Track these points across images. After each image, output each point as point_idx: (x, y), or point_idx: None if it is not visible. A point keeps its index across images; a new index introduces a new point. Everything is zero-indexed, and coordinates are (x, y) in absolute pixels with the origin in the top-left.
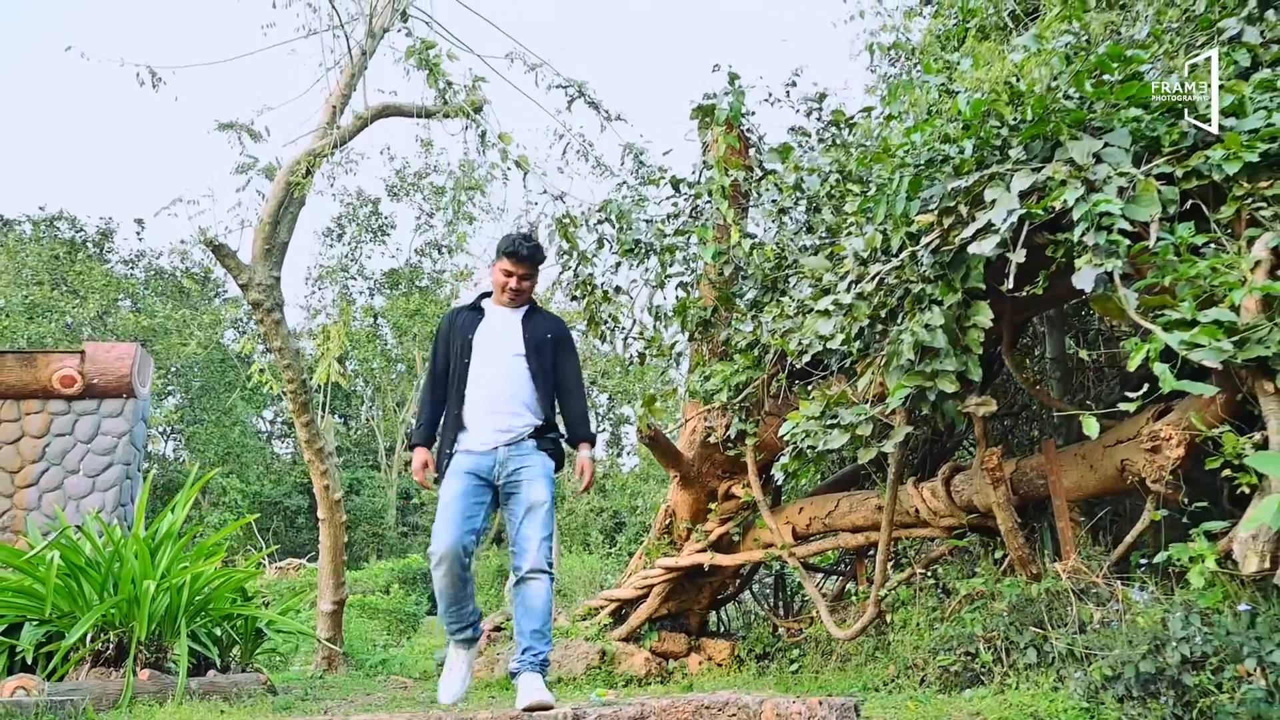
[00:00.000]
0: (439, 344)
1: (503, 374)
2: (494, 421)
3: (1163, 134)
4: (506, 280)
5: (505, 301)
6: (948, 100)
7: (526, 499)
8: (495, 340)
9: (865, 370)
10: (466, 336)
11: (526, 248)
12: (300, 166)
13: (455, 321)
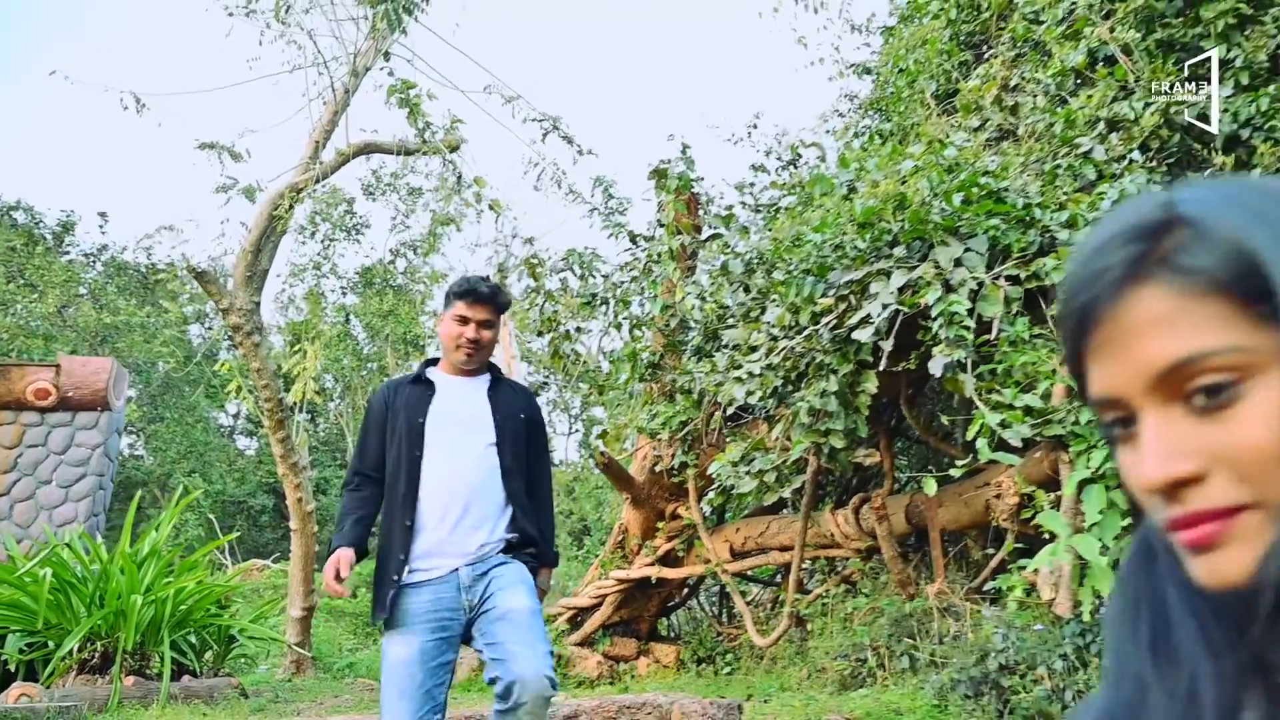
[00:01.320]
0: (369, 430)
1: (468, 469)
2: (456, 538)
3: (1014, 241)
4: (461, 330)
5: (460, 361)
6: (853, 199)
7: (501, 609)
8: (455, 423)
9: (779, 422)
10: (414, 419)
11: (486, 286)
12: (283, 200)
13: (394, 399)
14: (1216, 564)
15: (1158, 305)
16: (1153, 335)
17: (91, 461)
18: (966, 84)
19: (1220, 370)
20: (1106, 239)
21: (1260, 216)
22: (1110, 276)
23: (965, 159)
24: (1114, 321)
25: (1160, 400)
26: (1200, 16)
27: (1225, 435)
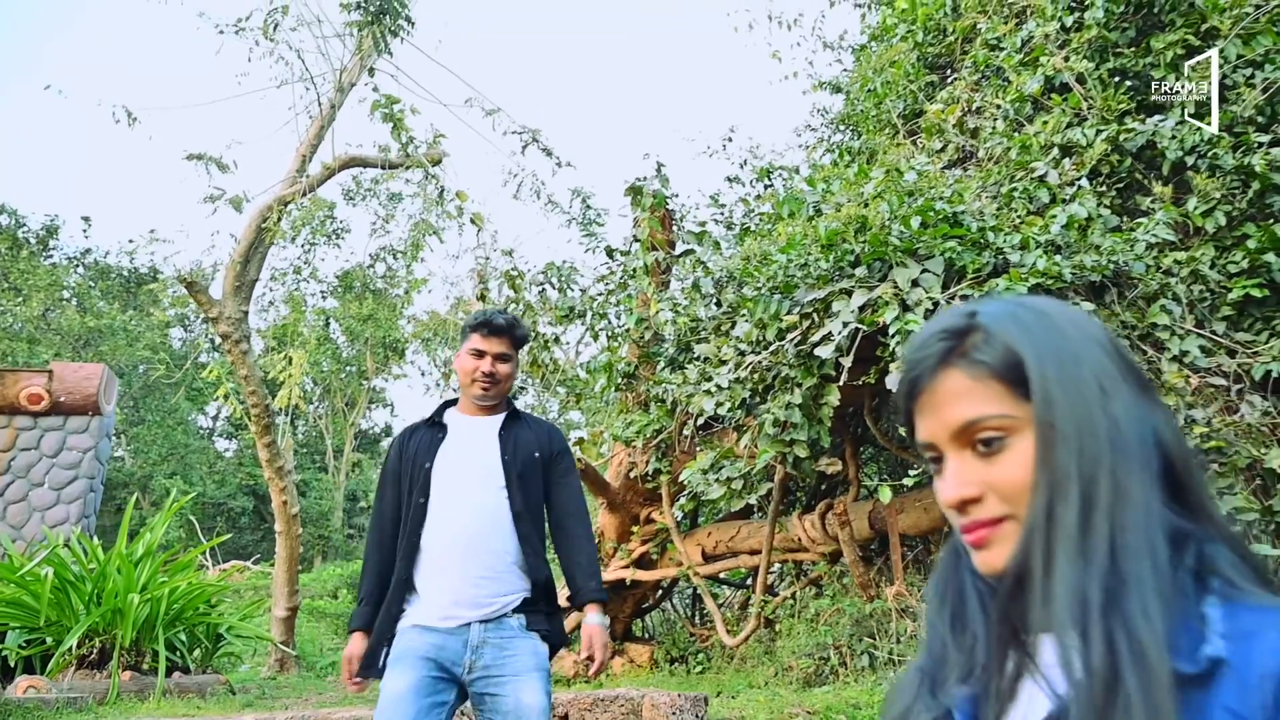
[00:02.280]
0: (386, 480)
1: (475, 516)
2: (464, 589)
3: (969, 263)
4: (477, 363)
5: (476, 396)
6: (817, 220)
7: (511, 705)
8: (461, 466)
9: (746, 432)
10: (422, 464)
11: (503, 318)
12: (271, 212)
13: (408, 445)
14: (987, 557)
15: (958, 383)
16: (953, 403)
17: (83, 464)
18: (931, 106)
19: (993, 429)
20: (930, 335)
21: (1027, 330)
22: (929, 362)
23: (924, 183)
24: (930, 392)
25: (957, 447)
26: (1151, 47)
27: (995, 471)
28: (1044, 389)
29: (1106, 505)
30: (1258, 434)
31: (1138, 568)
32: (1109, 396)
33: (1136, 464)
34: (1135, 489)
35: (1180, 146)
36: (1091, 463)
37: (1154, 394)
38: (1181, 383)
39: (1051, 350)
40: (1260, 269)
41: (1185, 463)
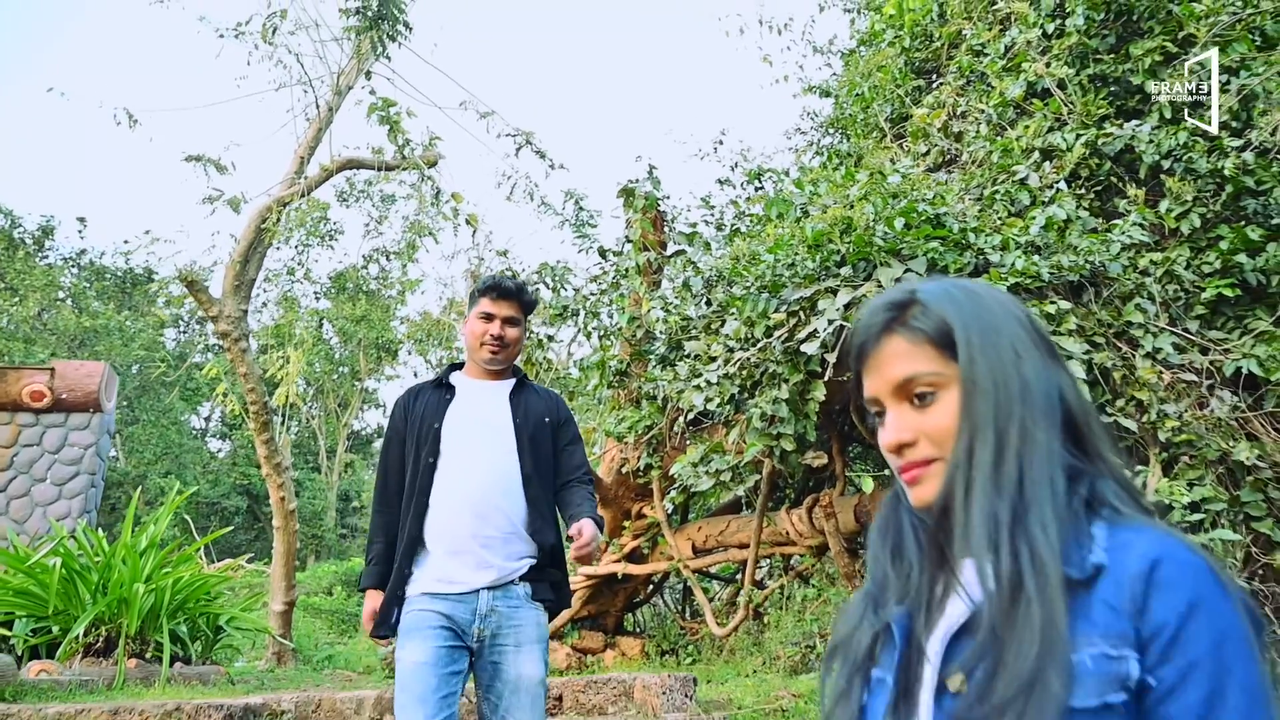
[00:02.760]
0: (391, 440)
1: (485, 477)
2: (473, 550)
3: (950, 262)
4: (486, 326)
5: (485, 360)
6: (805, 221)
7: (512, 675)
8: (472, 427)
9: (735, 426)
10: (431, 424)
11: (512, 282)
12: (271, 214)
13: (413, 405)
14: (919, 492)
15: (898, 347)
16: (894, 363)
17: (84, 460)
18: (917, 110)
19: (926, 385)
20: (876, 307)
21: (957, 304)
22: (875, 329)
23: (908, 186)
24: (876, 354)
25: (896, 400)
26: (1130, 53)
27: (927, 420)
28: (968, 352)
29: (1015, 446)
30: (1227, 428)
31: (1039, 495)
32: (1021, 359)
33: (1042, 415)
34: (1040, 434)
35: (1157, 150)
36: (1005, 412)
37: (1060, 361)
38: (1154, 378)
39: (976, 321)
40: (1233, 269)
41: (1084, 416)
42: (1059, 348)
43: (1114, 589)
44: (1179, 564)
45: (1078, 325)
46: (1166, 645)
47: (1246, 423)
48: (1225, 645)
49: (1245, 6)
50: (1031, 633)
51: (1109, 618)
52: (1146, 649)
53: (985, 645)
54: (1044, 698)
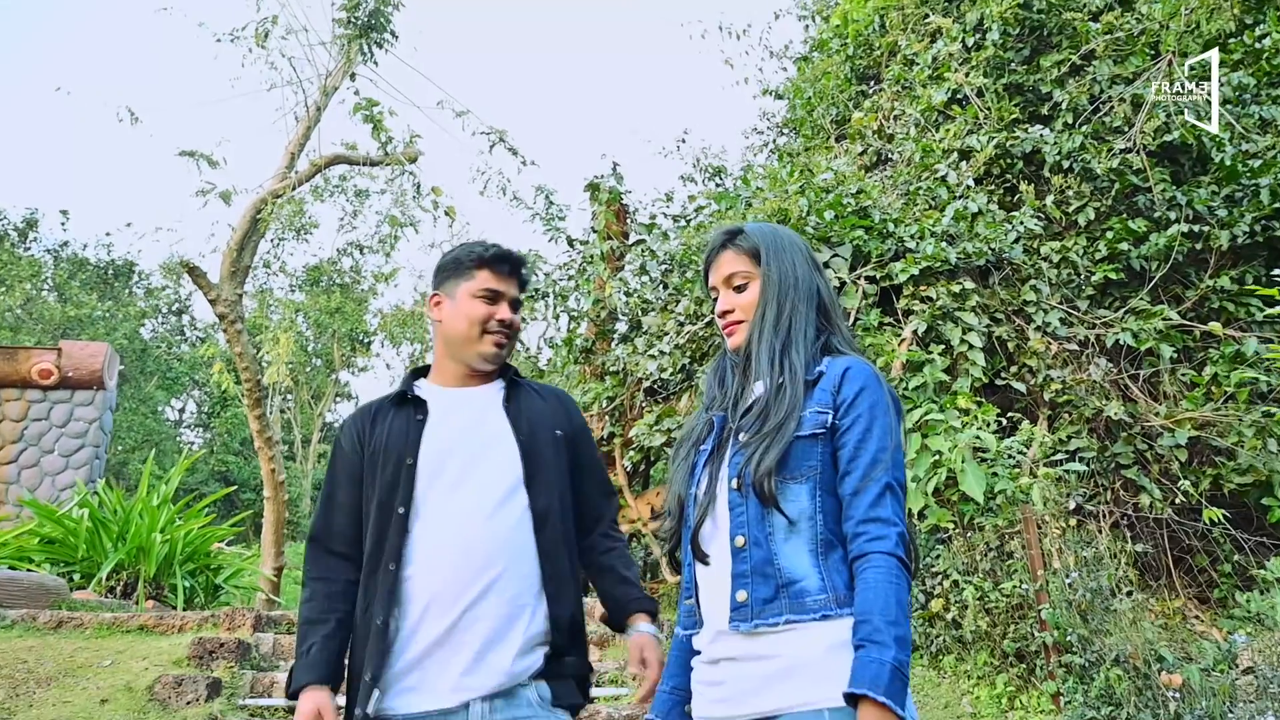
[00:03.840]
0: (338, 479)
1: (482, 529)
2: (465, 642)
3: (873, 249)
4: (490, 309)
5: (486, 355)
6: (748, 212)
7: None
8: (460, 456)
9: (685, 393)
10: (400, 459)
11: (518, 253)
12: (265, 205)
13: (369, 432)
14: (733, 341)
15: (728, 255)
16: (725, 265)
17: (89, 434)
18: (856, 114)
19: (741, 278)
20: (720, 234)
21: (764, 235)
22: (716, 245)
23: (838, 181)
24: (716, 261)
25: (725, 287)
26: (1040, 64)
27: (740, 299)
28: (765, 260)
29: (788, 314)
30: (1101, 390)
31: (797, 339)
32: (795, 268)
33: (805, 299)
34: (802, 309)
35: (1058, 152)
36: (784, 295)
37: (821, 270)
38: (1043, 348)
39: (773, 245)
40: (1120, 256)
41: (831, 304)
42: (960, 320)
43: (827, 381)
44: (858, 369)
45: (981, 303)
46: (847, 406)
47: (1125, 387)
48: (875, 408)
49: (1139, 24)
50: (783, 404)
51: (821, 395)
52: (838, 410)
53: (759, 413)
54: (785, 429)
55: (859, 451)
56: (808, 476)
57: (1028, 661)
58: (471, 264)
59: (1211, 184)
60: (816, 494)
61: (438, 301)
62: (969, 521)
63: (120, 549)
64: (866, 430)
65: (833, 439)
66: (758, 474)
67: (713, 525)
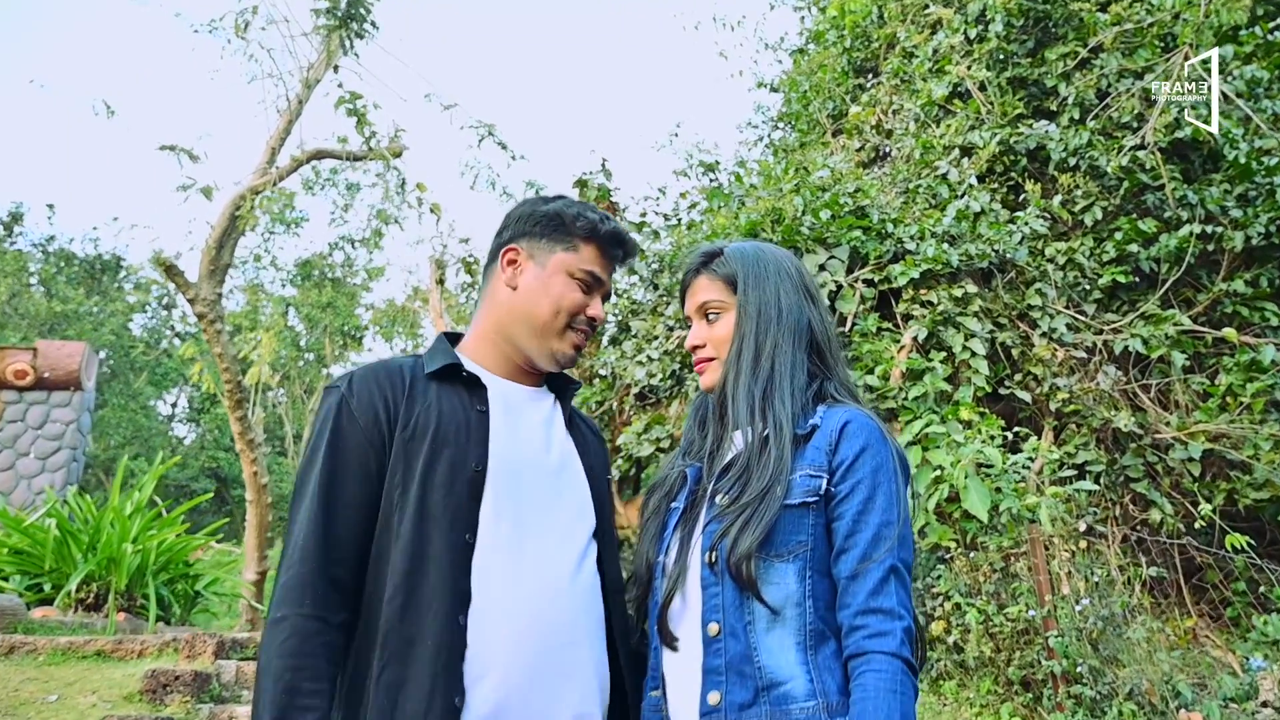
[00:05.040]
0: (340, 463)
1: (565, 583)
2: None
3: (871, 250)
4: (584, 300)
5: (560, 353)
6: (741, 211)
7: None
8: (536, 485)
9: (676, 399)
10: (464, 460)
11: (633, 242)
12: (244, 202)
13: (406, 405)
14: (704, 380)
15: (704, 281)
16: (700, 293)
17: (66, 436)
18: (854, 108)
19: (715, 308)
20: (697, 254)
21: (745, 258)
22: (692, 269)
23: (834, 179)
24: (691, 286)
25: (698, 317)
26: (1045, 57)
27: (713, 331)
28: (743, 289)
29: (769, 351)
30: (1110, 399)
31: (781, 383)
32: (780, 298)
33: (791, 335)
34: (787, 348)
35: (1064, 148)
36: (764, 329)
37: (816, 300)
38: (1049, 355)
39: (753, 270)
40: (1128, 258)
41: (826, 341)
42: (962, 326)
43: (821, 438)
44: (860, 424)
45: (984, 308)
46: (845, 470)
47: (1134, 395)
48: (879, 472)
49: (1149, 15)
50: (768, 466)
51: (815, 455)
52: (834, 473)
53: (739, 474)
54: (771, 498)
55: (859, 525)
56: (796, 554)
57: (1034, 690)
58: (581, 232)
59: (1224, 182)
60: (806, 575)
61: (514, 260)
62: (972, 540)
63: (90, 560)
64: (868, 499)
65: (827, 508)
66: (736, 555)
67: (682, 603)
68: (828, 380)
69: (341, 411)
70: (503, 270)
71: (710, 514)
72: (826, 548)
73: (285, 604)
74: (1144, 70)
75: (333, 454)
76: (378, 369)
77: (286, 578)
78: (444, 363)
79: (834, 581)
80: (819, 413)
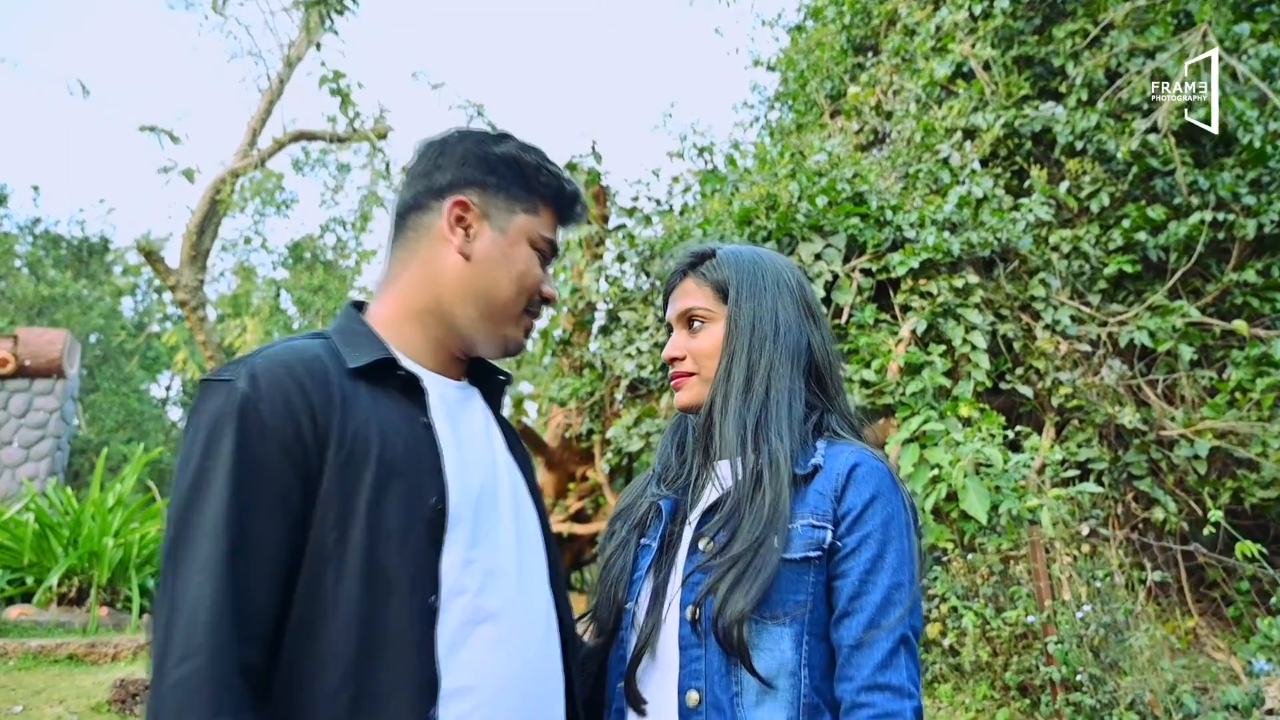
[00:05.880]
0: (250, 498)
1: (544, 654)
2: None
3: (869, 239)
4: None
5: (509, 343)
6: (735, 197)
7: None
8: (502, 516)
9: (666, 391)
10: (420, 493)
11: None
12: (224, 185)
13: (334, 415)
14: (680, 397)
15: (690, 285)
16: (684, 298)
17: (50, 424)
18: (852, 88)
19: (700, 316)
20: (687, 254)
21: (740, 263)
22: (680, 270)
23: (833, 164)
24: (677, 289)
25: (680, 325)
26: (1053, 35)
27: (695, 343)
28: (735, 299)
29: (764, 373)
30: (1114, 394)
31: (779, 413)
32: (778, 313)
33: (787, 356)
34: (783, 371)
35: (1071, 131)
36: (757, 347)
37: (818, 321)
38: (1052, 348)
39: (748, 278)
40: (1135, 246)
41: (827, 367)
42: (963, 318)
43: (825, 480)
44: (869, 468)
45: (985, 298)
46: (853, 521)
47: (1138, 390)
48: (890, 524)
49: None
50: (762, 510)
51: (818, 501)
52: (839, 523)
53: (728, 516)
54: (767, 551)
55: (866, 586)
56: (793, 616)
57: (1032, 696)
58: (544, 190)
59: (1236, 167)
60: (803, 641)
61: (462, 217)
62: (970, 541)
63: (71, 554)
64: (878, 556)
65: (829, 563)
66: (727, 617)
67: (653, 662)
68: (828, 412)
69: (247, 419)
70: (449, 229)
71: (693, 562)
72: (826, 609)
73: (175, 706)
74: (1156, 49)
75: (239, 481)
76: (290, 360)
77: (181, 674)
78: (375, 356)
79: (831, 647)
80: (819, 450)
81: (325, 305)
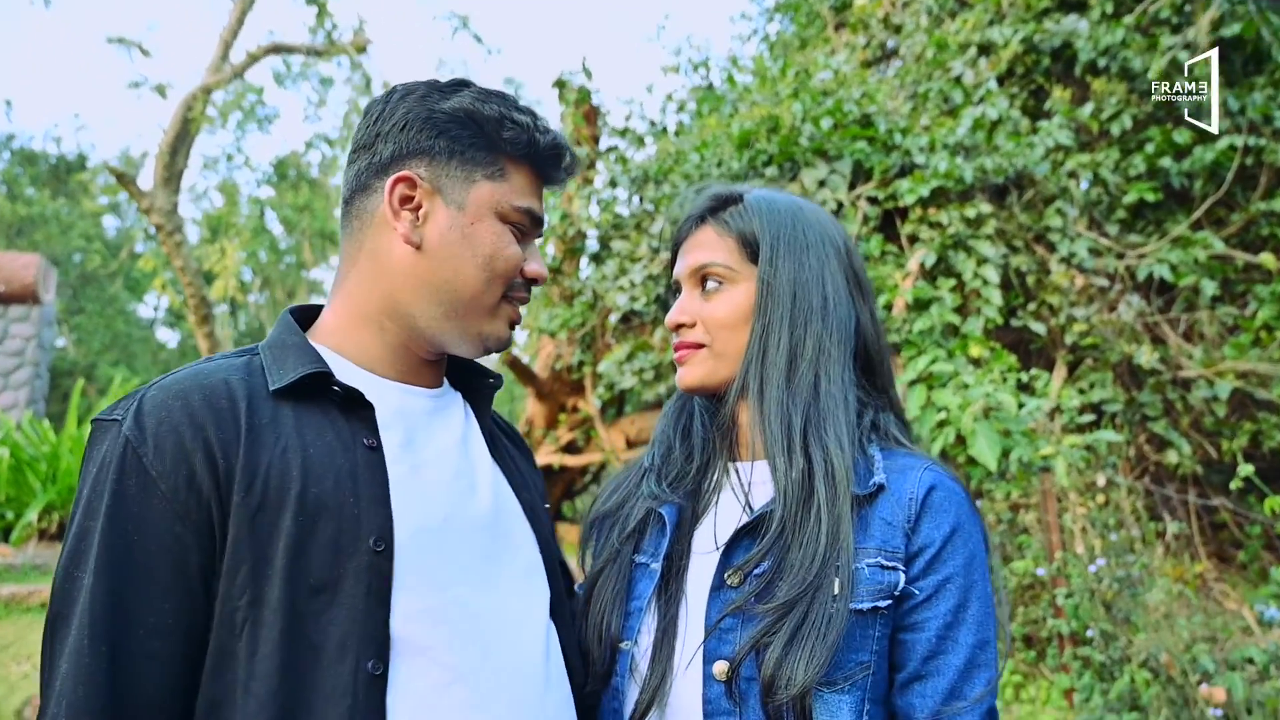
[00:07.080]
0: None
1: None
2: None
3: (876, 164)
4: (517, 254)
5: (492, 339)
6: (734, 118)
7: None
8: (465, 553)
9: (659, 324)
10: (355, 533)
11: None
12: (196, 102)
13: (242, 450)
14: (683, 373)
15: (707, 235)
16: (698, 250)
17: (27, 352)
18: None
19: (717, 275)
20: (705, 196)
21: (776, 213)
22: (694, 216)
23: (837, 83)
24: (689, 239)
25: (690, 284)
26: None
27: (708, 308)
28: (770, 256)
29: (811, 356)
30: (1131, 332)
31: (834, 410)
32: (825, 280)
33: (838, 336)
34: (835, 353)
35: (1094, 48)
36: (801, 321)
37: (867, 294)
38: (1067, 282)
39: (787, 233)
40: (1158, 172)
41: (878, 352)
42: (974, 250)
43: (891, 507)
44: (948, 492)
45: (998, 229)
46: (930, 561)
47: (1155, 326)
48: (973, 565)
49: None
50: (818, 539)
51: (886, 534)
52: (911, 562)
53: (770, 546)
54: (826, 599)
55: (945, 645)
56: (854, 681)
57: (1037, 647)
58: (512, 147)
59: (1268, 86)
60: (864, 710)
61: (411, 198)
62: (978, 488)
63: (49, 489)
64: (959, 608)
65: (897, 611)
66: (786, 689)
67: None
68: (882, 410)
69: (125, 470)
70: (392, 214)
71: (720, 601)
72: (888, 667)
73: None
74: None
75: (113, 550)
76: (187, 389)
77: None
78: (303, 372)
79: (889, 712)
80: (878, 460)
81: (311, 225)
